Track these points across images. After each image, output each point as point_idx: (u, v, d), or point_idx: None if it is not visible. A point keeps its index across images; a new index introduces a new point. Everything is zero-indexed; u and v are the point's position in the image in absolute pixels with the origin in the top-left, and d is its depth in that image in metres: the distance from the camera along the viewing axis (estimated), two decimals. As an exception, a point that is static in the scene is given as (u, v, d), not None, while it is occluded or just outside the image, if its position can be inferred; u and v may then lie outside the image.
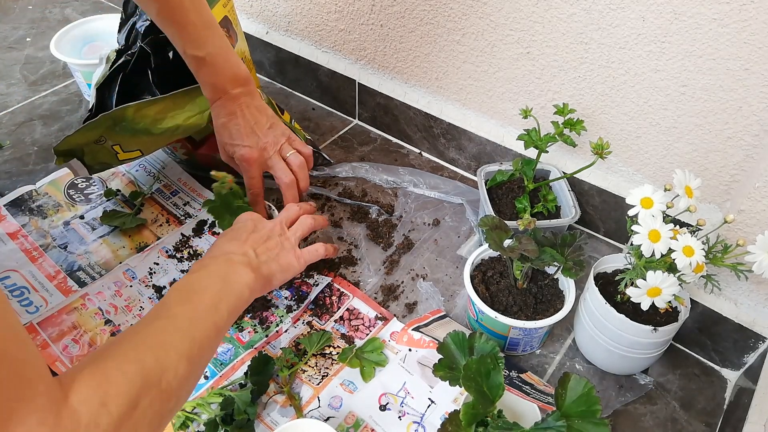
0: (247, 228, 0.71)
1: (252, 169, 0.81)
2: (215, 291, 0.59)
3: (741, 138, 0.72)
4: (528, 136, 0.80)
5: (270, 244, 0.71)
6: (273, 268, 0.69)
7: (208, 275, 0.62)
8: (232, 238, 0.69)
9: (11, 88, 1.21)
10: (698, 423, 0.72)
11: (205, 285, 0.60)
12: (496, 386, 0.55)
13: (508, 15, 0.84)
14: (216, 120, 0.81)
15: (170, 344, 0.50)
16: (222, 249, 0.67)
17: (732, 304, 0.76)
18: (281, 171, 0.82)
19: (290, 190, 0.82)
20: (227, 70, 0.78)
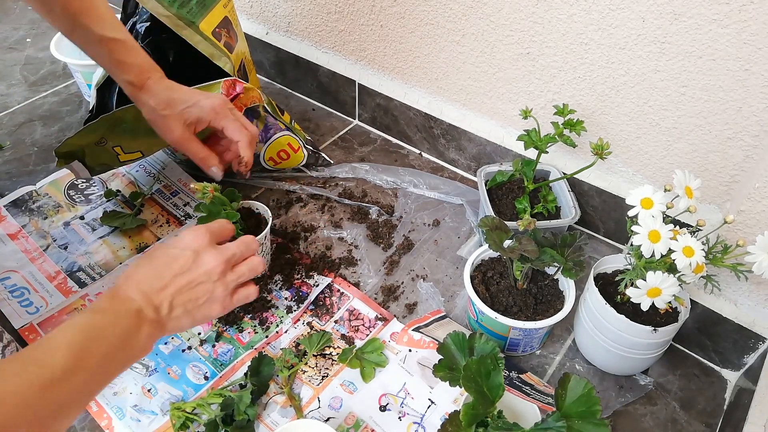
0: (178, 265, 0.60)
1: (223, 115, 0.78)
2: (108, 352, 0.52)
3: (741, 138, 0.72)
4: (528, 136, 0.80)
5: (196, 293, 0.60)
6: (182, 323, 0.60)
7: (110, 330, 0.53)
8: (154, 276, 0.59)
9: (11, 88, 1.21)
10: (698, 423, 0.72)
11: (102, 342, 0.52)
12: (496, 387, 0.55)
13: (508, 16, 0.84)
14: (157, 98, 0.76)
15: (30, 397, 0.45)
16: (137, 288, 0.57)
17: (732, 304, 0.76)
18: (246, 124, 0.79)
19: (250, 148, 0.79)
20: (144, 52, 0.76)
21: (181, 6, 0.83)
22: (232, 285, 0.64)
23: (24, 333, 0.77)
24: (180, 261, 0.60)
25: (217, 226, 0.67)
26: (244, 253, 0.66)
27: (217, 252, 0.63)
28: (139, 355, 0.56)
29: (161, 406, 0.71)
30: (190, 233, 0.63)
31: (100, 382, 0.53)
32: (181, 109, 0.77)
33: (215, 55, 0.87)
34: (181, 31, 0.84)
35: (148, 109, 0.77)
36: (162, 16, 0.82)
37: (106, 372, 0.53)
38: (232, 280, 0.63)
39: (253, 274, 0.66)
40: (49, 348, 0.49)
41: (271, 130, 0.96)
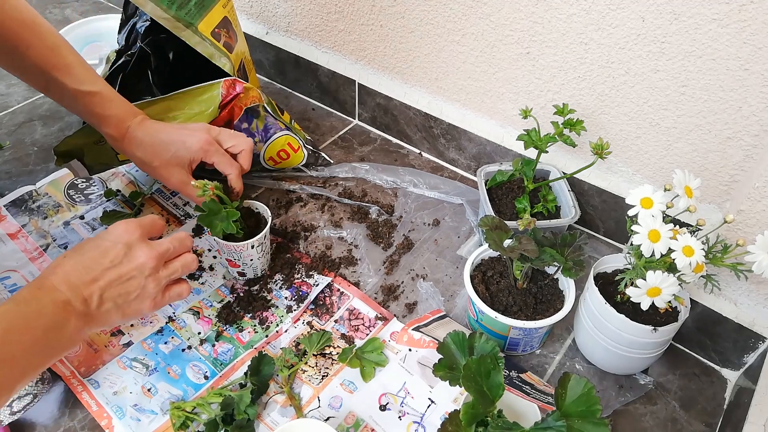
0: (109, 258, 0.59)
1: (216, 149, 0.77)
2: (33, 343, 0.52)
3: (741, 138, 0.72)
4: (528, 136, 0.80)
5: (127, 288, 0.59)
6: (112, 318, 0.59)
7: (34, 321, 0.52)
8: (84, 268, 0.57)
9: (11, 88, 1.21)
10: (698, 423, 0.72)
11: (25, 333, 0.51)
12: (496, 386, 0.55)
13: (508, 15, 0.84)
14: (142, 149, 0.76)
15: None
16: (65, 279, 0.56)
17: (732, 304, 0.76)
18: (227, 164, 0.78)
19: (240, 180, 0.79)
20: (121, 100, 0.75)
21: (179, 8, 0.83)
22: (165, 281, 0.62)
23: (24, 332, 0.77)
24: (111, 254, 0.59)
25: (149, 221, 0.65)
26: (177, 249, 0.65)
27: (150, 247, 0.61)
28: (67, 347, 0.55)
29: (161, 405, 0.71)
30: (121, 226, 0.61)
31: (23, 374, 0.52)
32: (169, 156, 0.75)
33: (214, 56, 0.87)
34: (180, 32, 0.83)
35: (138, 161, 0.77)
36: (161, 18, 0.82)
37: (30, 364, 0.52)
38: (165, 276, 0.62)
39: (187, 271, 0.65)
40: None
41: (270, 129, 0.96)
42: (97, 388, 0.72)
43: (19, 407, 0.67)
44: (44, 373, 0.68)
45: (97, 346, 0.77)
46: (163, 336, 0.78)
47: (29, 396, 0.67)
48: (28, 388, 0.65)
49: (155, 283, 0.61)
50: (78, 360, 0.75)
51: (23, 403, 0.66)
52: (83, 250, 0.59)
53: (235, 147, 0.81)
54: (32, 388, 0.66)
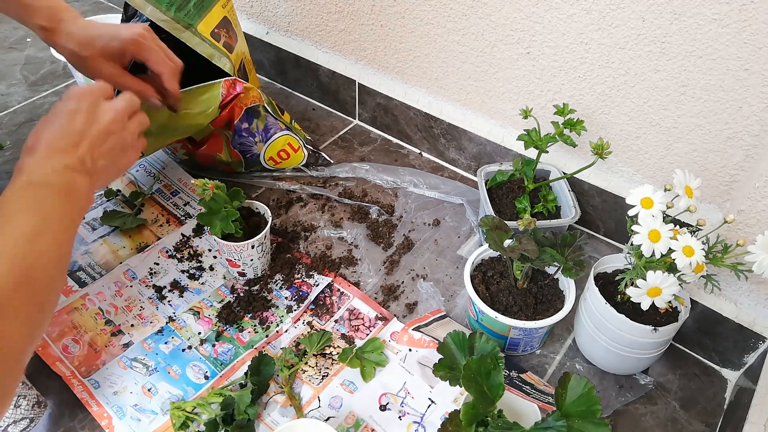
0: (80, 121, 0.60)
1: (149, 43, 0.73)
2: (62, 213, 0.54)
3: (741, 138, 0.72)
4: (528, 136, 0.80)
5: (111, 143, 0.61)
6: (110, 173, 0.62)
7: (49, 191, 0.54)
8: (61, 136, 0.58)
9: (12, 88, 1.21)
10: (698, 423, 0.72)
11: (51, 205, 0.54)
12: (497, 386, 0.55)
13: (508, 15, 0.84)
14: (75, 40, 0.72)
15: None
16: (49, 151, 0.56)
17: (732, 304, 0.76)
18: (170, 55, 0.75)
19: (174, 80, 0.75)
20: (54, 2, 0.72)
21: (178, 9, 0.83)
22: (137, 131, 0.65)
23: (24, 332, 0.77)
24: (80, 117, 0.60)
25: (98, 86, 0.65)
26: (132, 105, 0.66)
27: (111, 105, 0.63)
28: (85, 207, 0.58)
29: (161, 405, 0.71)
30: (75, 90, 0.62)
31: (65, 242, 0.55)
32: (101, 45, 0.73)
33: (214, 56, 0.87)
34: (180, 34, 0.84)
35: (69, 53, 0.74)
36: (160, 20, 0.82)
37: (66, 231, 0.54)
38: (135, 128, 0.65)
39: (145, 125, 0.68)
40: (12, 219, 0.51)
41: (271, 129, 0.96)
42: (97, 388, 0.72)
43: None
44: (40, 397, 0.67)
45: (97, 346, 0.77)
46: (163, 336, 0.78)
47: (26, 420, 0.66)
48: (24, 412, 0.65)
49: (131, 135, 0.64)
50: (78, 360, 0.75)
51: (20, 427, 0.66)
52: (49, 123, 0.59)
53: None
54: (28, 412, 0.66)
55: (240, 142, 0.95)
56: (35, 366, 0.75)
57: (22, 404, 0.65)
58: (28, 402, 0.65)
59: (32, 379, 0.73)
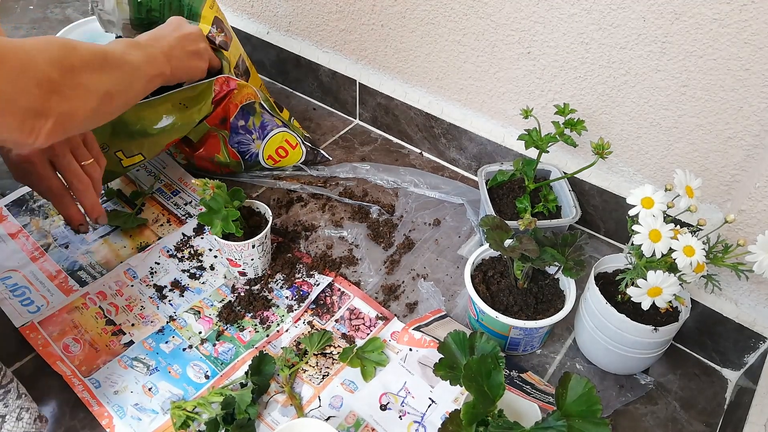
0: (170, 27, 0.81)
1: (36, 168, 0.72)
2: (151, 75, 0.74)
3: (741, 138, 0.72)
4: (529, 136, 0.80)
5: (189, 48, 0.81)
6: (184, 66, 0.81)
7: (151, 60, 0.74)
8: (155, 36, 0.78)
9: (12, 88, 1.21)
10: (699, 423, 0.72)
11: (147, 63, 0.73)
12: (497, 386, 0.55)
13: (509, 15, 0.84)
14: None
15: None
16: (149, 42, 0.76)
17: (732, 304, 0.76)
18: (73, 173, 0.73)
19: (87, 196, 0.75)
20: None
21: None
22: (207, 53, 0.86)
23: (25, 331, 0.77)
24: (170, 25, 0.82)
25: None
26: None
27: (194, 25, 0.86)
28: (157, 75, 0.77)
29: (162, 404, 0.71)
30: (174, 17, 0.84)
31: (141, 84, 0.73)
32: (3, 155, 0.75)
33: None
34: None
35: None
36: None
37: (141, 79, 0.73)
38: (207, 46, 0.87)
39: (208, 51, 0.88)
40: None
41: (267, 126, 0.96)
42: (98, 388, 0.72)
43: None
44: (41, 412, 0.67)
45: (98, 346, 0.77)
46: (164, 335, 0.78)
47: None
48: (26, 426, 0.65)
49: (205, 51, 0.85)
50: (79, 359, 0.75)
51: None
52: (152, 31, 0.80)
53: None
54: (30, 426, 0.66)
55: (237, 140, 0.95)
56: (35, 365, 0.75)
57: (24, 417, 0.64)
58: (30, 415, 0.65)
59: (33, 378, 0.73)
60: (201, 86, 0.86)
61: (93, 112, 0.62)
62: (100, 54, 0.63)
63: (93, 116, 0.64)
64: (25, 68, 0.53)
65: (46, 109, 0.55)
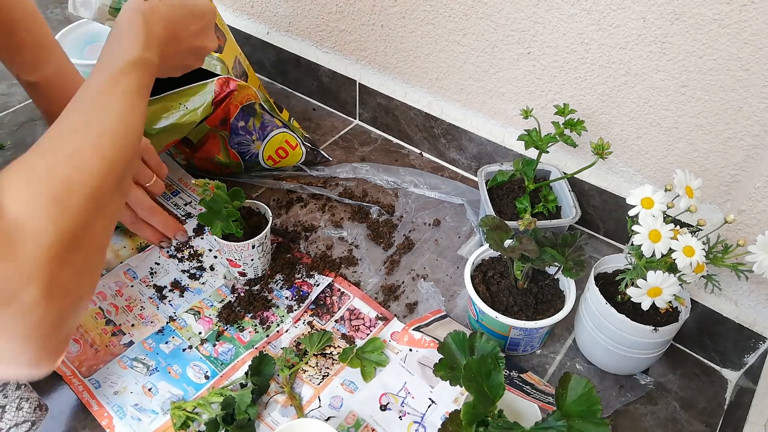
0: (198, 25, 0.63)
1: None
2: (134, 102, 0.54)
3: (741, 138, 0.72)
4: (528, 136, 0.80)
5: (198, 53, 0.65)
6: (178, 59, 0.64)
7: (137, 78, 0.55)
8: (174, 33, 0.60)
9: (13, 88, 1.21)
10: (699, 423, 0.72)
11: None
12: (497, 386, 0.55)
13: (509, 15, 0.84)
14: None
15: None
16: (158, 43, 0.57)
17: (732, 304, 0.76)
18: (135, 200, 0.75)
19: (156, 220, 0.75)
20: (64, 95, 0.69)
21: None
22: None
23: (25, 332, 0.77)
24: (200, 23, 0.62)
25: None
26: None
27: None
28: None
29: (162, 405, 0.71)
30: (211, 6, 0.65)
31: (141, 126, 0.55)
32: None
33: (204, 62, 0.88)
34: None
35: None
36: None
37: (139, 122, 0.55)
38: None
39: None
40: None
41: (267, 127, 0.96)
42: (97, 388, 0.72)
43: None
44: (41, 400, 0.67)
45: (98, 346, 0.77)
46: (163, 336, 0.78)
47: (27, 423, 0.66)
48: (26, 415, 0.65)
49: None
50: (79, 360, 0.75)
51: (21, 430, 0.66)
52: (176, 8, 0.60)
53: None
54: (30, 415, 0.66)
55: (237, 141, 0.95)
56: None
57: (24, 407, 0.65)
58: (30, 404, 0.65)
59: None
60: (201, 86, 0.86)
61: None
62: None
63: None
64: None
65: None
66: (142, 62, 0.53)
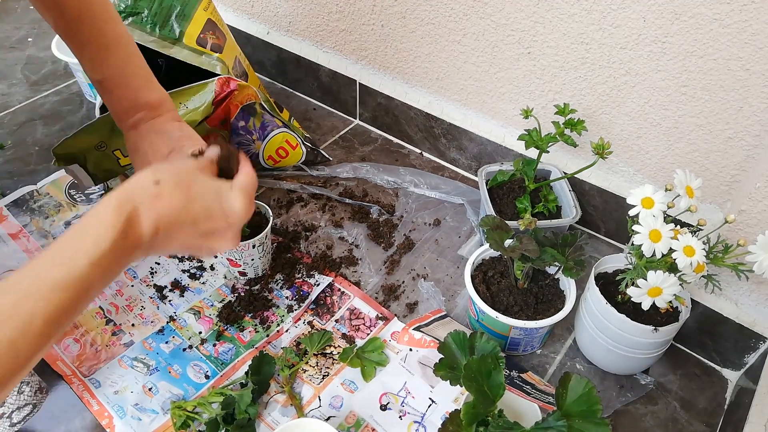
0: (236, 210, 0.53)
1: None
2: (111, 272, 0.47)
3: (742, 138, 0.72)
4: (529, 136, 0.80)
5: (208, 244, 0.54)
6: (171, 248, 0.52)
7: (116, 258, 0.46)
8: (192, 223, 0.50)
9: (13, 88, 1.21)
10: (699, 423, 0.72)
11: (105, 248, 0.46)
12: (497, 386, 0.55)
13: (509, 15, 0.84)
14: (129, 154, 0.69)
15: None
16: (155, 226, 0.47)
17: (733, 304, 0.76)
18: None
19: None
20: (126, 96, 0.67)
21: (161, 27, 0.87)
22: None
23: (25, 332, 0.77)
24: (215, 210, 0.52)
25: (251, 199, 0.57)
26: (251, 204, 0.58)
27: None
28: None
29: (162, 404, 0.71)
30: (247, 202, 0.54)
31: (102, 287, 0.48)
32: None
33: (204, 63, 0.88)
34: (168, 50, 0.87)
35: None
36: (148, 42, 0.86)
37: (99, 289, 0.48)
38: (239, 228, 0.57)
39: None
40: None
41: (268, 127, 0.96)
42: (98, 388, 0.72)
43: (18, 418, 0.66)
44: (42, 383, 0.68)
45: (98, 346, 0.77)
46: (164, 335, 0.78)
47: (29, 406, 0.66)
48: (27, 398, 0.65)
49: (233, 237, 0.55)
50: (79, 359, 0.75)
51: (23, 414, 0.66)
52: (193, 203, 0.50)
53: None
54: (31, 398, 0.66)
55: (237, 141, 0.95)
56: (35, 366, 0.74)
57: (25, 390, 0.65)
58: (30, 388, 0.65)
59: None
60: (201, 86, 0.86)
61: None
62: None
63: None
64: None
65: None
66: (99, 270, 0.45)
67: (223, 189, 0.53)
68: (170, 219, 0.49)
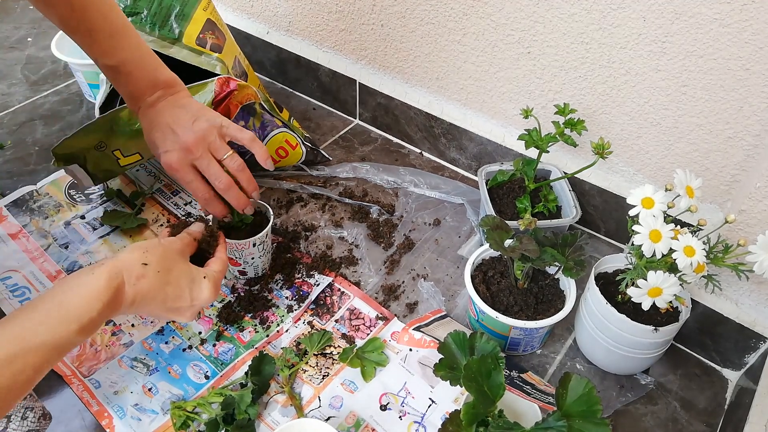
0: (202, 297, 0.63)
1: (180, 175, 0.72)
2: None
3: (742, 138, 0.72)
4: (529, 136, 0.80)
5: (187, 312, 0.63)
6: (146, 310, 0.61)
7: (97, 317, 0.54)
8: (156, 299, 0.59)
9: (12, 88, 1.21)
10: (699, 423, 0.72)
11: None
12: (497, 386, 0.55)
13: (509, 15, 0.84)
14: (144, 134, 0.74)
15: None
16: (134, 300, 0.57)
17: (733, 304, 0.76)
18: (214, 175, 0.72)
19: (230, 194, 0.74)
20: (144, 77, 0.71)
21: (161, 27, 0.87)
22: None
23: (25, 332, 0.77)
24: (207, 293, 0.63)
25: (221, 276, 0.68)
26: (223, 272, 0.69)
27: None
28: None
29: (162, 405, 0.71)
30: (212, 294, 0.64)
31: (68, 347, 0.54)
32: (155, 154, 0.74)
33: (203, 63, 0.89)
34: (168, 50, 0.87)
35: (149, 144, 0.75)
36: (147, 41, 0.85)
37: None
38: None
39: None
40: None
41: (268, 127, 0.96)
42: (98, 388, 0.72)
43: None
44: (45, 409, 0.67)
45: (98, 346, 0.77)
46: (163, 336, 0.78)
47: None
48: (30, 425, 0.65)
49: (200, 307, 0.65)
50: (79, 360, 0.75)
51: None
52: (168, 286, 0.60)
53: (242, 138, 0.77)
54: (35, 425, 0.66)
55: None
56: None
57: (29, 416, 0.65)
58: (34, 414, 0.65)
59: (33, 378, 0.73)
60: (201, 86, 0.86)
61: None
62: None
63: None
64: None
65: None
66: (85, 332, 0.53)
67: (197, 278, 0.63)
68: (146, 296, 0.58)
